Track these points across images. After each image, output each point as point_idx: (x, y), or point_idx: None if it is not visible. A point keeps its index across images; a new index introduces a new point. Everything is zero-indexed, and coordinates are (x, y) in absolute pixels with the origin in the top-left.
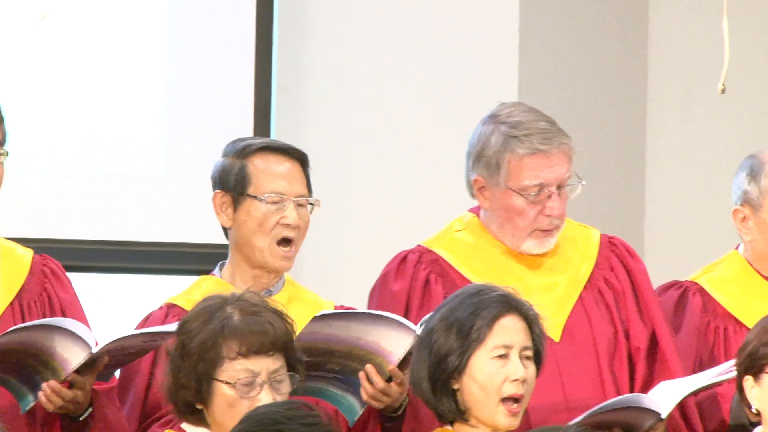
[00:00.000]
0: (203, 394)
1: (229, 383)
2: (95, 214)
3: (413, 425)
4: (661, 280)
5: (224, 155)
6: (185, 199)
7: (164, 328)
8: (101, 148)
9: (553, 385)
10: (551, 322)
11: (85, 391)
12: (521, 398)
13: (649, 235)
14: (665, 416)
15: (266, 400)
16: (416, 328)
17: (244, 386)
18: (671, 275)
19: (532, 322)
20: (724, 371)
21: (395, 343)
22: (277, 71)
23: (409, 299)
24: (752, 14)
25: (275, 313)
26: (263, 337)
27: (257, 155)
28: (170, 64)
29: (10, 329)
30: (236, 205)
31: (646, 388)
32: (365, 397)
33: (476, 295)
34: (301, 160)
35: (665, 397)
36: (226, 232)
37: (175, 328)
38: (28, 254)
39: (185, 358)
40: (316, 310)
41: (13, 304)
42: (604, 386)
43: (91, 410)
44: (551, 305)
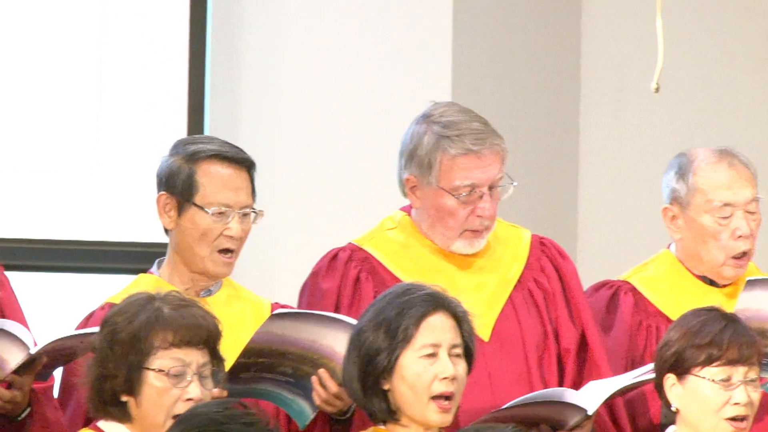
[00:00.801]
0: (132, 384)
1: (161, 371)
2: (30, 212)
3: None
4: (594, 279)
5: (172, 154)
6: (120, 197)
7: None
8: (35, 146)
9: (481, 384)
10: (481, 321)
11: (23, 391)
12: (452, 395)
13: (582, 234)
14: (591, 413)
15: (194, 392)
16: None
17: (175, 376)
18: (604, 274)
19: (460, 319)
20: (650, 370)
21: None
22: (210, 70)
23: (339, 297)
24: (686, 13)
25: (204, 309)
26: (197, 329)
27: (207, 162)
28: (104, 61)
29: None
30: (180, 209)
31: (574, 389)
32: (318, 401)
33: (403, 294)
34: (248, 167)
35: (592, 394)
36: (166, 230)
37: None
38: None
39: (114, 348)
40: (254, 308)
41: None
42: (532, 386)
43: (29, 410)
44: (481, 305)
